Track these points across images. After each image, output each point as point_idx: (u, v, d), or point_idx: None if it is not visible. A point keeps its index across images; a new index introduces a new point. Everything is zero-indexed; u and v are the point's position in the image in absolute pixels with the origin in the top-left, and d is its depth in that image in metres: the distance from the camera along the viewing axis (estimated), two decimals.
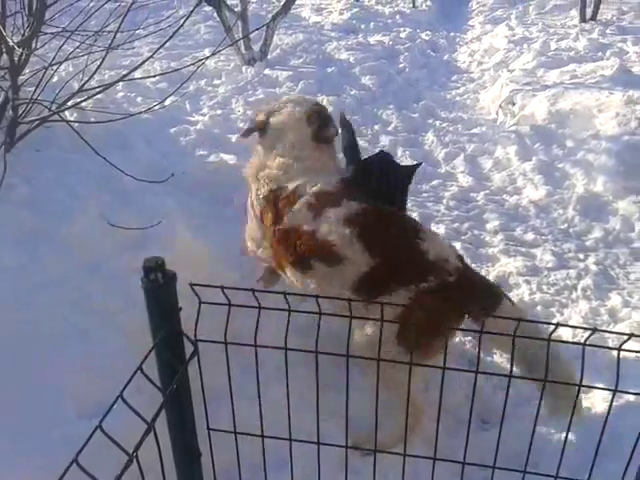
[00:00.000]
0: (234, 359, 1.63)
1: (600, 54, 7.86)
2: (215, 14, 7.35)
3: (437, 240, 2.68)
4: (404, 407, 1.98)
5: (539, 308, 3.65)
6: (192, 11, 3.37)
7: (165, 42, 3.64)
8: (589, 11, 10.14)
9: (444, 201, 4.92)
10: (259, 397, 1.62)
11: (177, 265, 3.25)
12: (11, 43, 2.96)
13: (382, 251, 2.53)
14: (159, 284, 1.35)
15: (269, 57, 7.38)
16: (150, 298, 1.37)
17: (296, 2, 7.68)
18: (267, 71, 6.98)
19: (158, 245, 3.28)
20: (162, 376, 1.40)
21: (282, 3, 7.56)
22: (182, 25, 3.29)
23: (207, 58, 4.09)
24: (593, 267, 4.03)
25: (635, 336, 1.33)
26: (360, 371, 2.49)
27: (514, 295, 3.71)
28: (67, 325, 2.68)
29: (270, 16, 7.69)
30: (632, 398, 2.42)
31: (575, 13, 10.44)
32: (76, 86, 4.18)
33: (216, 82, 6.76)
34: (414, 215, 4.54)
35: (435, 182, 5.23)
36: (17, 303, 2.63)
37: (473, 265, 3.99)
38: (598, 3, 10.12)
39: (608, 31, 9.27)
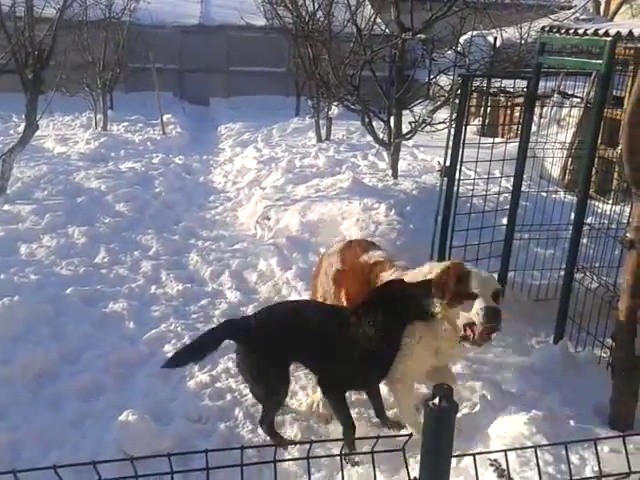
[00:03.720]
0: None
1: (337, 169, 8.88)
2: None
3: None
4: None
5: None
6: None
7: None
8: (323, 132, 11.53)
9: (214, 319, 4.84)
10: None
11: None
12: None
13: None
14: None
15: (8, 192, 6.85)
16: None
17: (38, 133, 7.35)
18: (7, 207, 6.44)
19: None
20: None
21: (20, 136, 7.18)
22: None
23: None
24: None
25: (381, 437, 1.37)
26: None
27: (295, 402, 3.71)
28: None
29: (7, 149, 7.22)
30: None
31: (312, 134, 11.78)
32: None
33: None
34: (185, 338, 4.41)
35: (204, 301, 5.15)
36: None
37: None
38: (330, 125, 11.57)
39: (341, 149, 10.59)
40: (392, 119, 7.66)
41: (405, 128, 7.64)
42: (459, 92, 4.40)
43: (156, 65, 12.28)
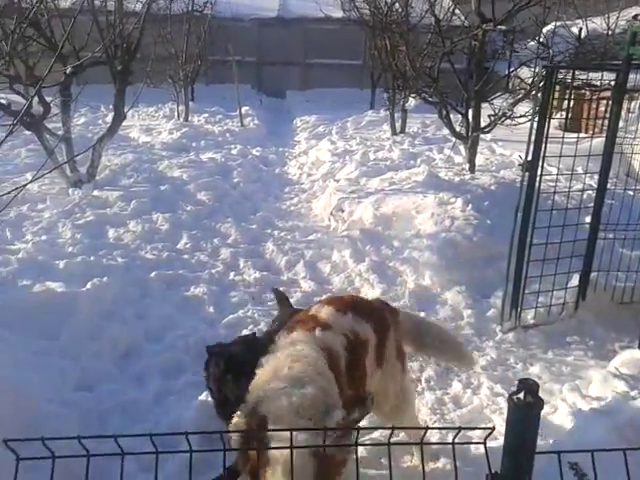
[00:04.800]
0: None
1: (412, 162, 8.80)
2: (36, 138, 7.09)
3: None
4: None
5: None
6: (6, 137, 3.20)
7: None
8: (398, 125, 11.44)
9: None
10: None
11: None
12: None
13: None
14: None
15: (97, 178, 7.21)
16: None
17: (124, 123, 7.69)
18: (96, 192, 6.79)
19: None
20: None
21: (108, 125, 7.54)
22: None
23: (27, 184, 3.87)
24: (433, 358, 4.23)
25: (463, 429, 1.38)
26: None
27: None
28: None
29: (96, 138, 7.61)
30: None
31: (387, 127, 11.71)
32: None
33: (40, 207, 6.41)
34: (261, 325, 4.52)
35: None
36: None
37: None
38: (405, 118, 11.47)
39: (416, 142, 10.48)
40: (470, 112, 7.52)
41: (483, 121, 7.49)
42: (542, 84, 4.28)
43: (235, 58, 12.55)
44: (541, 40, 8.79)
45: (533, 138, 4.18)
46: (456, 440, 1.44)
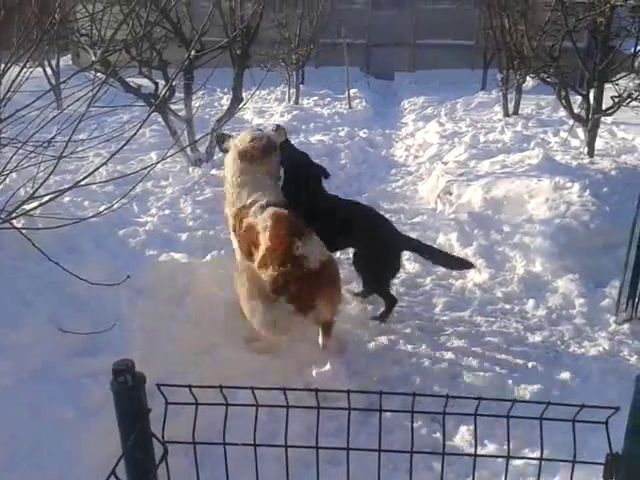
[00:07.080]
0: (203, 458, 1.60)
1: (525, 145, 8.51)
2: (160, 118, 7.58)
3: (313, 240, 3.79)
4: None
5: (495, 388, 3.70)
6: (145, 120, 3.50)
7: (118, 150, 3.77)
8: (511, 107, 11.06)
9: (394, 287, 5.02)
10: None
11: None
12: None
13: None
14: (129, 386, 1.35)
15: (215, 158, 7.60)
16: (120, 400, 1.35)
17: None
18: (214, 171, 7.17)
19: (111, 349, 3.21)
20: (132, 479, 1.37)
21: (226, 108, 7.90)
22: (136, 133, 3.42)
23: (157, 163, 4.20)
24: (540, 345, 4.16)
25: (586, 407, 1.41)
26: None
27: (470, 375, 3.79)
28: (17, 435, 2.55)
29: (213, 120, 7.99)
30: None
31: (499, 109, 11.36)
32: (22, 193, 4.18)
33: (163, 183, 6.88)
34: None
35: None
36: None
37: (428, 350, 4.10)
38: (519, 99, 11.06)
39: (530, 124, 10.10)
40: (592, 93, 7.15)
41: (605, 103, 7.10)
42: None
43: (346, 40, 12.63)
44: None
45: None
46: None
